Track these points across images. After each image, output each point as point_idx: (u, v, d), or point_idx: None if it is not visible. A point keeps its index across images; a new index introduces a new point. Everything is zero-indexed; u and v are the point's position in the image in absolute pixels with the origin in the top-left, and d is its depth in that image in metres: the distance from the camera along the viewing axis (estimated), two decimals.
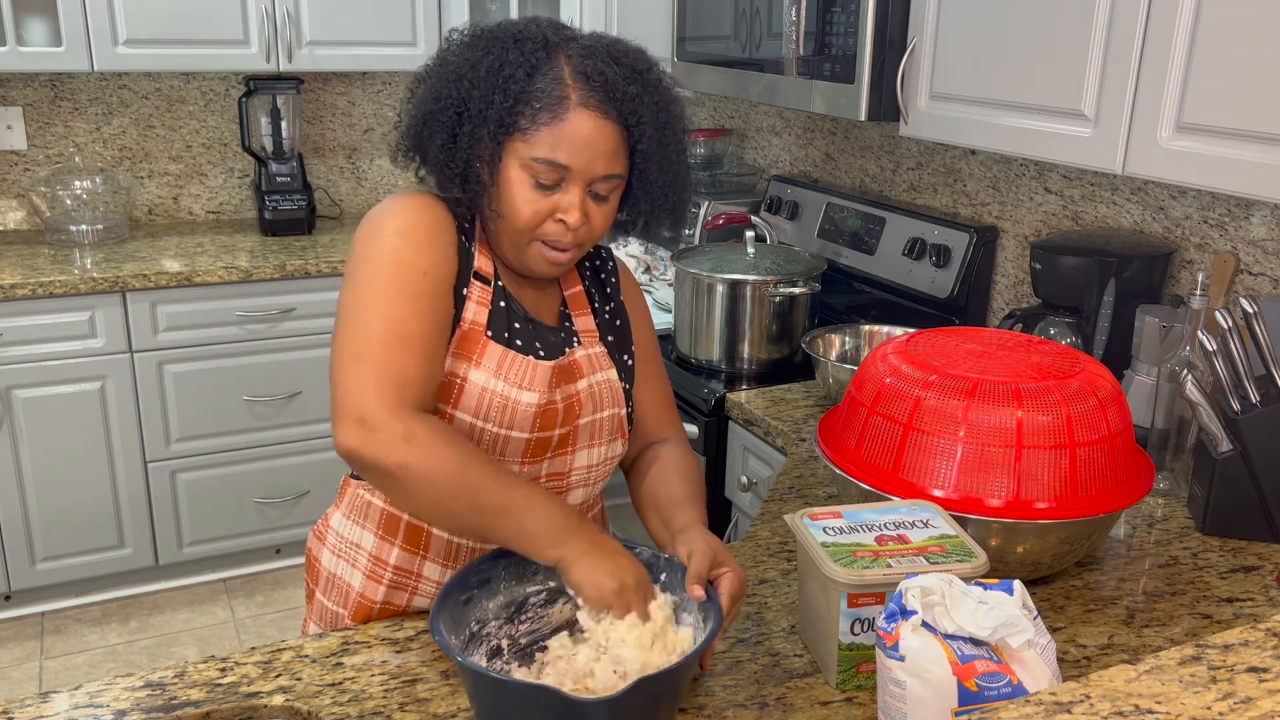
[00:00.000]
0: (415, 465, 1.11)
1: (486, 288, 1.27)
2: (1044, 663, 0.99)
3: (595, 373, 1.33)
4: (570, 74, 1.19)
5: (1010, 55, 1.78)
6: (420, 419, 1.13)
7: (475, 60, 1.21)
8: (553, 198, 1.21)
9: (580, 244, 1.25)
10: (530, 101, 1.18)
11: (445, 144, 1.22)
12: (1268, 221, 1.81)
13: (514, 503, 1.13)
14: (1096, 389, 1.34)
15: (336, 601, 1.36)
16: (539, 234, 1.23)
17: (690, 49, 2.58)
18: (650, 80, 1.23)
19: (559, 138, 1.18)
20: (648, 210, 1.30)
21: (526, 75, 1.18)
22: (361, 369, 1.14)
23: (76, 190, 3.22)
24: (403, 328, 1.16)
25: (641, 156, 1.24)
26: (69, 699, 1.13)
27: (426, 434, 1.12)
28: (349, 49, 3.31)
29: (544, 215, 1.21)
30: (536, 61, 1.19)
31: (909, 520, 1.19)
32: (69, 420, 2.95)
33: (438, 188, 1.26)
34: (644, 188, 1.27)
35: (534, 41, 1.20)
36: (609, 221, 1.27)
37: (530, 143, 1.19)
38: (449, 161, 1.22)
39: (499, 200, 1.22)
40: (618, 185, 1.25)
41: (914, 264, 2.38)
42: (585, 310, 1.38)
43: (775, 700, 1.14)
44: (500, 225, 1.24)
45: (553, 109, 1.18)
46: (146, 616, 3.14)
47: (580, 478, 1.34)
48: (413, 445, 1.11)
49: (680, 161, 1.28)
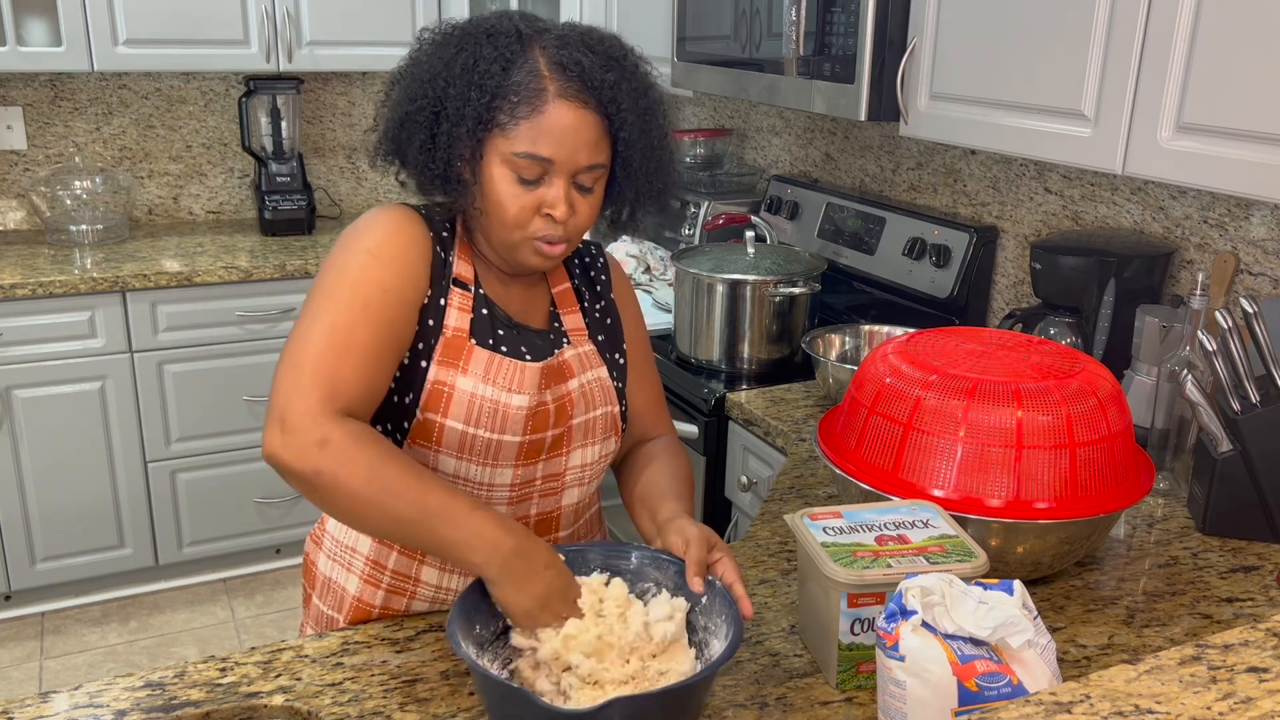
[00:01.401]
0: (327, 471, 1.07)
1: (467, 294, 1.26)
2: (1044, 663, 0.99)
3: (586, 371, 1.32)
4: (546, 65, 1.17)
5: (1010, 55, 1.78)
6: (340, 423, 1.09)
7: (449, 58, 1.19)
8: (537, 192, 1.19)
9: (569, 237, 1.23)
10: (507, 96, 1.16)
11: (424, 145, 1.20)
12: (1268, 221, 1.81)
13: (427, 510, 1.08)
14: (1096, 389, 1.34)
15: (333, 606, 1.36)
16: (528, 232, 1.21)
17: (690, 49, 2.58)
18: (627, 66, 1.22)
19: (539, 130, 1.16)
20: (633, 198, 1.28)
21: (502, 70, 1.17)
22: (294, 374, 1.11)
23: (76, 190, 3.22)
24: (346, 337, 1.14)
25: (624, 144, 1.22)
26: (69, 699, 1.12)
27: (343, 438, 1.08)
28: (349, 49, 3.31)
29: (530, 211, 1.20)
30: (511, 55, 1.17)
31: (909, 520, 1.19)
32: (69, 420, 2.95)
33: (418, 190, 1.25)
34: (628, 175, 1.26)
35: (507, 35, 1.19)
36: (595, 212, 1.25)
37: (510, 137, 1.17)
38: (429, 162, 1.21)
39: (483, 198, 1.21)
40: (602, 175, 1.23)
41: (914, 264, 2.38)
42: (574, 308, 1.36)
43: (775, 700, 1.14)
44: (487, 224, 1.23)
45: (531, 102, 1.16)
46: (146, 616, 3.14)
47: (575, 477, 1.34)
48: (326, 450, 1.07)
49: (663, 146, 1.27)
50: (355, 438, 1.09)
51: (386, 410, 1.24)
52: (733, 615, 1.09)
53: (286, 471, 1.09)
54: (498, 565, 1.08)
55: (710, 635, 1.12)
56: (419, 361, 1.22)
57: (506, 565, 1.08)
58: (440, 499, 1.09)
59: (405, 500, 1.08)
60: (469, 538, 1.08)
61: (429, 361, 1.23)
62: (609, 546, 1.20)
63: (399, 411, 1.23)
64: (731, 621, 1.08)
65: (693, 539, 1.16)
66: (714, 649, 1.10)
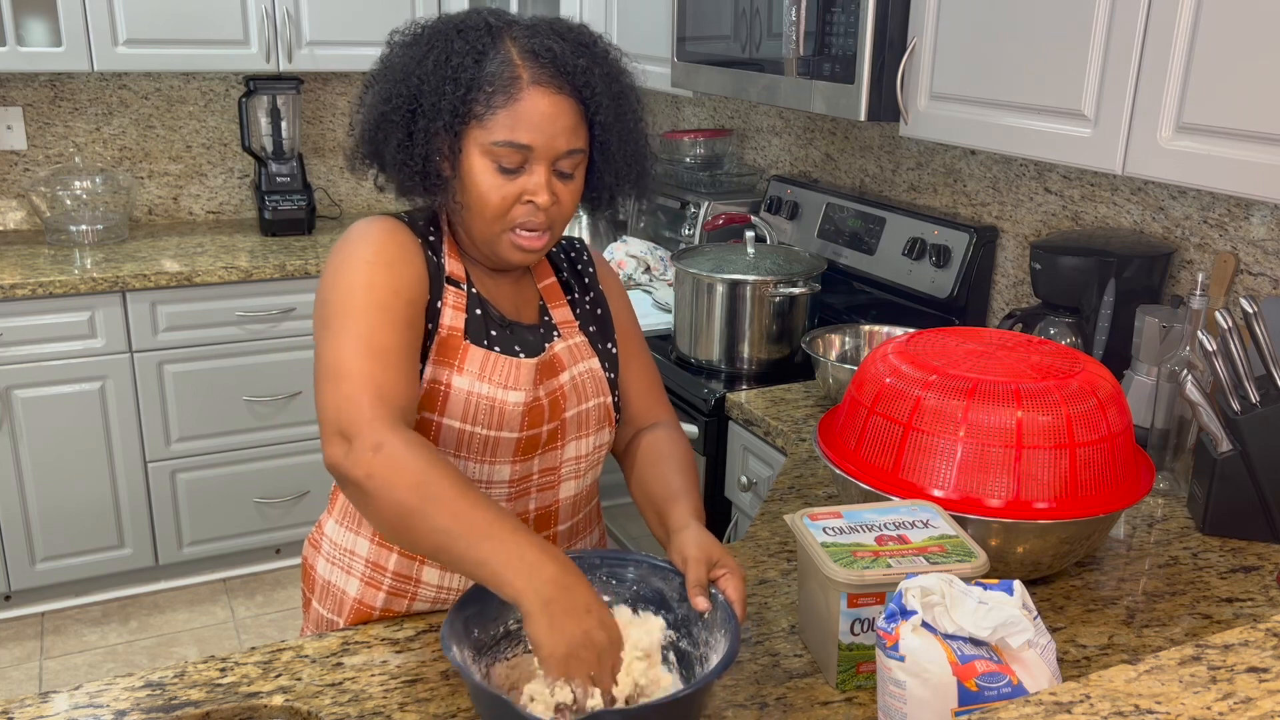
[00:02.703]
0: (378, 474, 1.06)
1: (460, 292, 1.26)
2: (1044, 663, 0.99)
3: (577, 364, 1.33)
4: (519, 54, 1.18)
5: (1010, 55, 1.78)
6: (394, 429, 1.09)
7: (420, 56, 1.20)
8: (518, 180, 1.20)
9: (551, 225, 1.23)
10: (482, 87, 1.17)
11: (401, 143, 1.21)
12: (1268, 221, 1.81)
13: (471, 524, 1.04)
14: (1096, 389, 1.34)
15: (333, 610, 1.36)
16: (509, 219, 1.21)
17: (690, 49, 2.58)
18: (598, 51, 1.23)
19: (516, 118, 1.17)
20: (612, 182, 1.29)
21: (475, 62, 1.17)
22: (339, 385, 1.12)
23: (76, 190, 3.22)
24: (378, 342, 1.15)
25: (600, 128, 1.23)
26: (69, 699, 1.12)
27: (397, 444, 1.08)
28: (349, 49, 3.31)
29: (511, 199, 1.20)
30: (483, 47, 1.18)
31: (909, 520, 1.19)
32: (69, 420, 2.95)
33: (398, 191, 1.25)
34: (606, 159, 1.26)
35: (477, 29, 1.20)
36: (577, 199, 1.26)
37: (488, 128, 1.17)
38: (407, 160, 1.21)
39: (464, 192, 1.21)
40: (581, 160, 1.24)
41: (914, 264, 2.38)
42: (561, 301, 1.37)
43: (775, 700, 1.14)
44: (469, 218, 1.23)
45: (506, 90, 1.17)
46: (146, 616, 3.14)
47: (571, 469, 1.34)
48: (379, 455, 1.07)
49: (638, 130, 1.28)
50: (408, 444, 1.08)
51: None
52: (733, 630, 1.07)
53: (345, 479, 1.09)
54: (534, 591, 1.00)
55: (710, 650, 1.11)
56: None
57: (544, 593, 1.00)
58: (486, 515, 1.05)
59: (449, 511, 1.05)
60: (510, 558, 1.02)
61: (425, 361, 1.23)
62: (611, 555, 1.19)
63: None
64: (729, 638, 1.06)
65: (690, 560, 1.14)
66: (714, 665, 1.09)
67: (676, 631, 1.15)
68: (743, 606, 1.11)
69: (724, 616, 1.10)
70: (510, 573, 1.01)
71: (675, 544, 1.18)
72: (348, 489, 1.11)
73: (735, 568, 1.14)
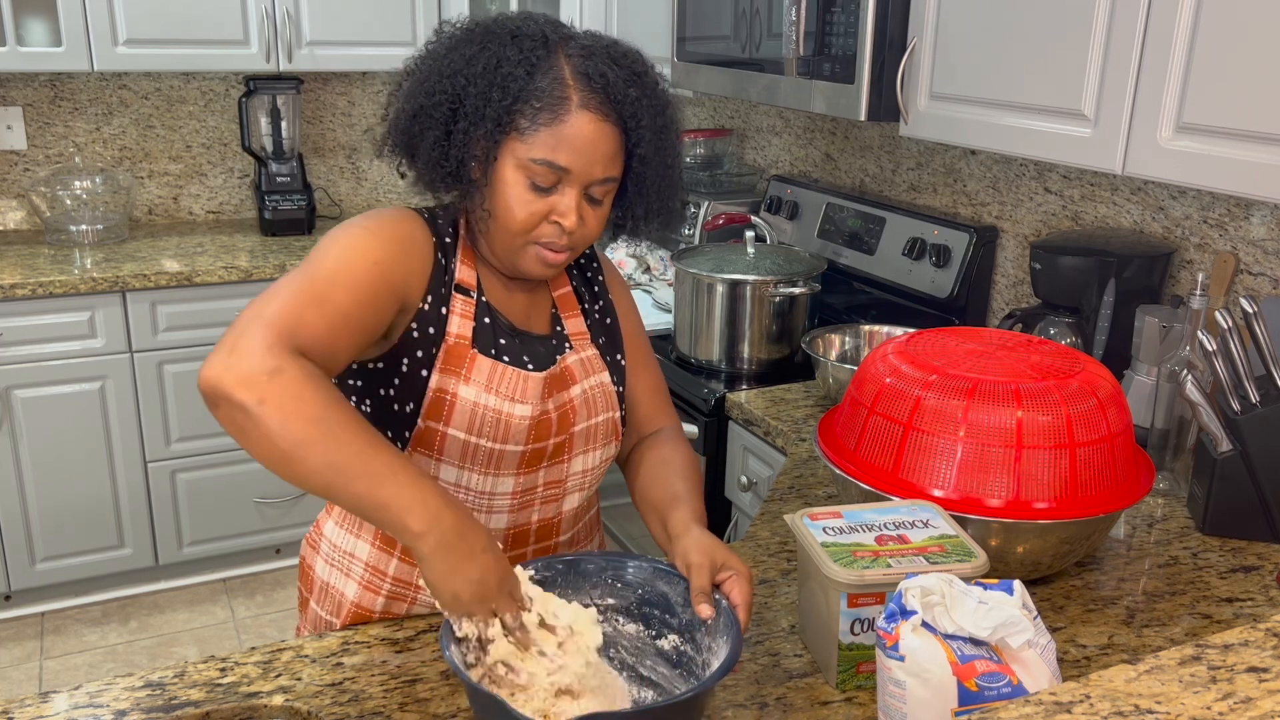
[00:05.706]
0: (272, 401, 0.98)
1: (469, 300, 1.24)
2: (1044, 663, 0.99)
3: (588, 377, 1.31)
4: (571, 74, 1.16)
5: (1010, 55, 1.78)
6: (295, 359, 1.02)
7: (471, 55, 1.17)
8: (549, 199, 1.18)
9: (574, 247, 1.22)
10: (530, 100, 1.15)
11: (438, 141, 1.18)
12: (1268, 221, 1.81)
13: (371, 465, 1.00)
14: (1096, 389, 1.34)
15: (331, 611, 1.35)
16: (533, 236, 1.20)
17: (690, 49, 2.58)
18: (648, 83, 1.21)
19: (559, 139, 1.15)
20: (641, 213, 1.28)
21: (526, 73, 1.15)
22: (261, 308, 1.05)
23: (76, 190, 3.22)
24: (323, 290, 1.09)
25: (639, 160, 1.22)
26: (69, 699, 1.12)
27: (295, 371, 1.00)
28: (349, 49, 3.31)
29: (539, 217, 1.19)
30: (536, 59, 1.16)
31: (909, 520, 1.19)
32: (69, 420, 2.95)
33: (426, 186, 1.24)
34: (639, 191, 1.25)
35: (532, 39, 1.17)
36: (603, 224, 1.25)
37: (529, 143, 1.16)
38: (442, 159, 1.19)
39: (491, 200, 1.20)
40: (612, 188, 1.23)
41: (914, 264, 2.38)
42: (575, 312, 1.36)
43: (775, 700, 1.14)
44: (492, 226, 1.21)
45: (553, 109, 1.15)
46: (146, 616, 3.14)
47: (576, 483, 1.33)
48: (276, 380, 0.99)
49: (675, 165, 1.26)
50: (309, 374, 1.02)
51: (388, 419, 1.23)
52: (734, 635, 1.06)
53: (224, 398, 1.00)
54: (435, 538, 1.00)
55: (713, 656, 1.10)
56: (419, 370, 1.21)
57: (444, 540, 1.00)
58: (389, 458, 1.02)
59: (351, 449, 1.00)
60: (411, 502, 1.00)
61: (430, 370, 1.21)
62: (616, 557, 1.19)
63: (400, 420, 1.23)
64: (731, 643, 1.05)
65: (694, 566, 1.12)
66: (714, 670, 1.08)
67: (680, 636, 1.15)
68: (748, 611, 1.09)
69: (726, 622, 1.09)
70: (412, 518, 1.00)
71: (678, 549, 1.17)
72: (223, 409, 1.01)
73: (742, 570, 1.13)
